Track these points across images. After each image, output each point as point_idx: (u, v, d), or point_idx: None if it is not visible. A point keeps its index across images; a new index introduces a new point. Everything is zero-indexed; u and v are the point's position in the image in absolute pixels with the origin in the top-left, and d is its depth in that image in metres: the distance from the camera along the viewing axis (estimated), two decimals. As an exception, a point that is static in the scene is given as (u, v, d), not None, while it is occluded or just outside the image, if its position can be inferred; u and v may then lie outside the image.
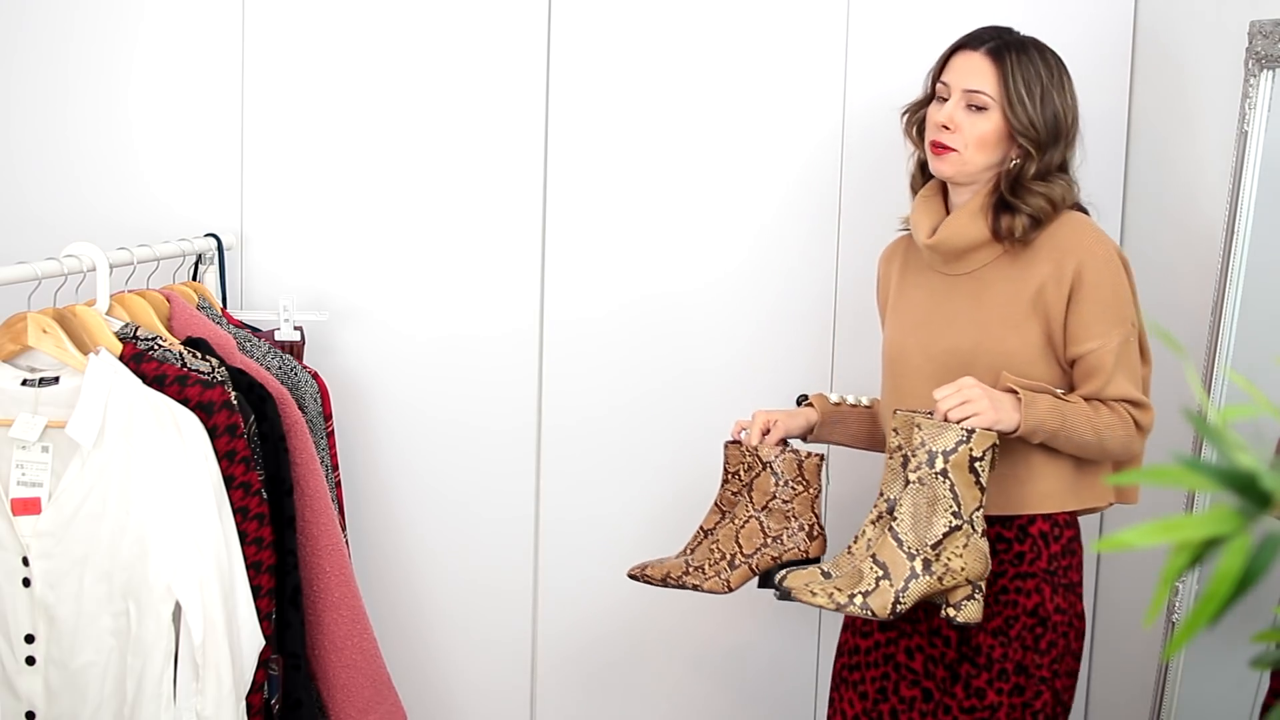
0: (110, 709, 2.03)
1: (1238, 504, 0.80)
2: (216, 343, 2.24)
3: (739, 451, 2.26)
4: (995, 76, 2.12)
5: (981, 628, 2.10)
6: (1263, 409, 0.87)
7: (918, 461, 1.97)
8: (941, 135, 2.14)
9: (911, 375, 2.19)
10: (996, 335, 2.11)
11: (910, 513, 1.97)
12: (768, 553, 2.22)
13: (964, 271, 2.17)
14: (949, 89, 2.15)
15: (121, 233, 2.54)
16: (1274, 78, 2.14)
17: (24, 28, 2.67)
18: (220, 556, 2.00)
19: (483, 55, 2.71)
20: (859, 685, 2.22)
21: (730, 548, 2.23)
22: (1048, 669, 2.11)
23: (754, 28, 2.71)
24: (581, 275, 2.76)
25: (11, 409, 2.03)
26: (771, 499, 2.22)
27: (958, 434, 1.96)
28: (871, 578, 1.97)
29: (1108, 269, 2.09)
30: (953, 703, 2.13)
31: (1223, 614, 0.80)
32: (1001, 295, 2.13)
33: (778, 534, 2.23)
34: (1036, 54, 2.15)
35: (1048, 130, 2.11)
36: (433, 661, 2.81)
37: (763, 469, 2.23)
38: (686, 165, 2.74)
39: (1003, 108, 2.11)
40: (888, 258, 2.36)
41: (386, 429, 2.76)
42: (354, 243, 2.73)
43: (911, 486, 1.97)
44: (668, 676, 2.85)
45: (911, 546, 1.97)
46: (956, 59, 2.17)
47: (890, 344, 2.26)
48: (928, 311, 2.20)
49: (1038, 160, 2.11)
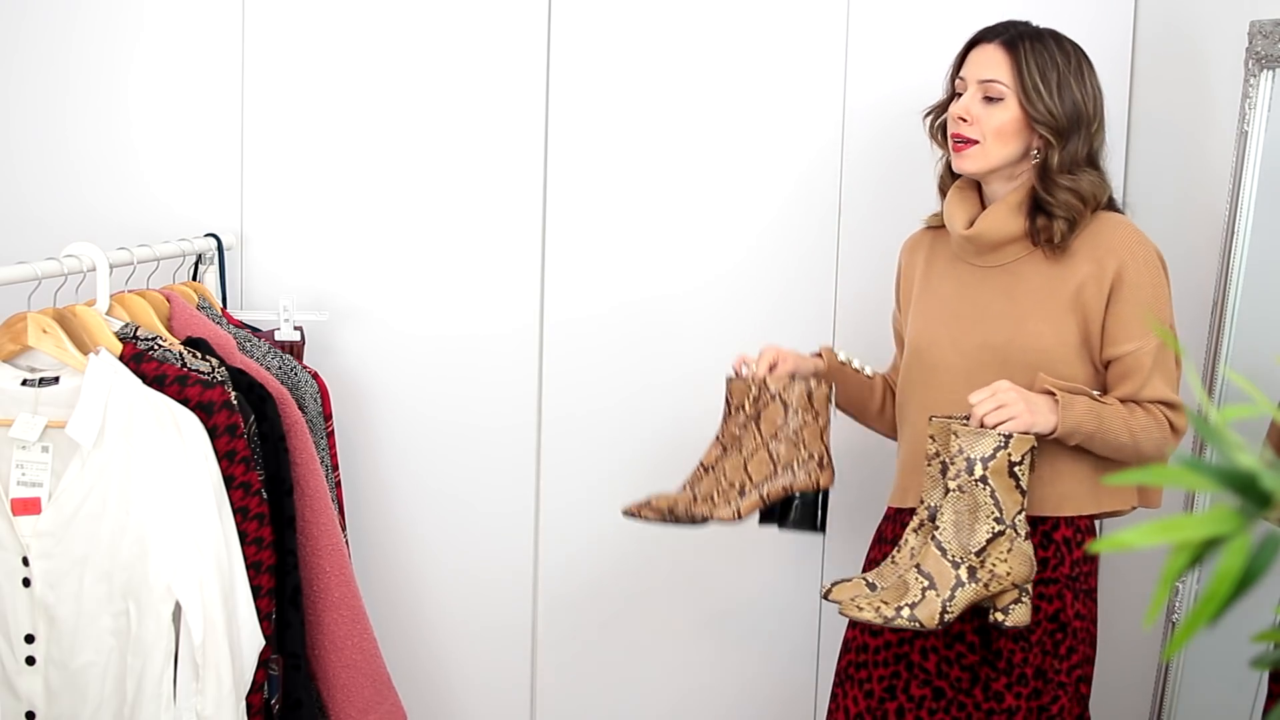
0: (110, 709, 2.03)
1: (1238, 504, 0.80)
2: (216, 343, 2.24)
3: (744, 385, 2.22)
4: (1009, 65, 2.10)
5: (1024, 632, 2.08)
6: (1263, 409, 0.87)
7: (956, 469, 1.96)
8: (960, 128, 2.13)
9: (942, 369, 2.16)
10: (1032, 331, 2.09)
11: (952, 521, 1.96)
12: (779, 482, 2.18)
13: (996, 264, 2.15)
14: (966, 83, 2.14)
15: (121, 233, 2.54)
16: (1274, 78, 2.14)
17: (24, 28, 2.67)
18: (220, 556, 2.00)
19: (483, 55, 2.71)
20: (865, 683, 2.20)
21: (739, 477, 2.19)
22: (1066, 674, 2.11)
23: (754, 27, 2.71)
24: (581, 275, 2.76)
25: (11, 409, 2.03)
26: (781, 429, 2.18)
27: (995, 440, 1.95)
28: (918, 589, 1.96)
29: (1148, 271, 2.08)
30: (969, 702, 2.13)
31: (1223, 614, 0.80)
32: (1037, 290, 2.11)
33: (788, 463, 2.18)
34: (1053, 42, 2.13)
35: (1067, 118, 2.09)
36: (433, 662, 2.81)
37: (771, 400, 2.19)
38: (687, 165, 2.74)
39: (1019, 96, 2.09)
40: (911, 248, 2.33)
41: (386, 429, 2.76)
42: (354, 243, 2.73)
43: (952, 494, 1.96)
44: (670, 677, 2.84)
45: (955, 555, 1.96)
46: (973, 53, 2.16)
47: (919, 336, 2.22)
48: (958, 304, 2.18)
49: (1060, 150, 2.09)
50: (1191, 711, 2.27)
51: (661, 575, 2.81)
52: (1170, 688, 2.28)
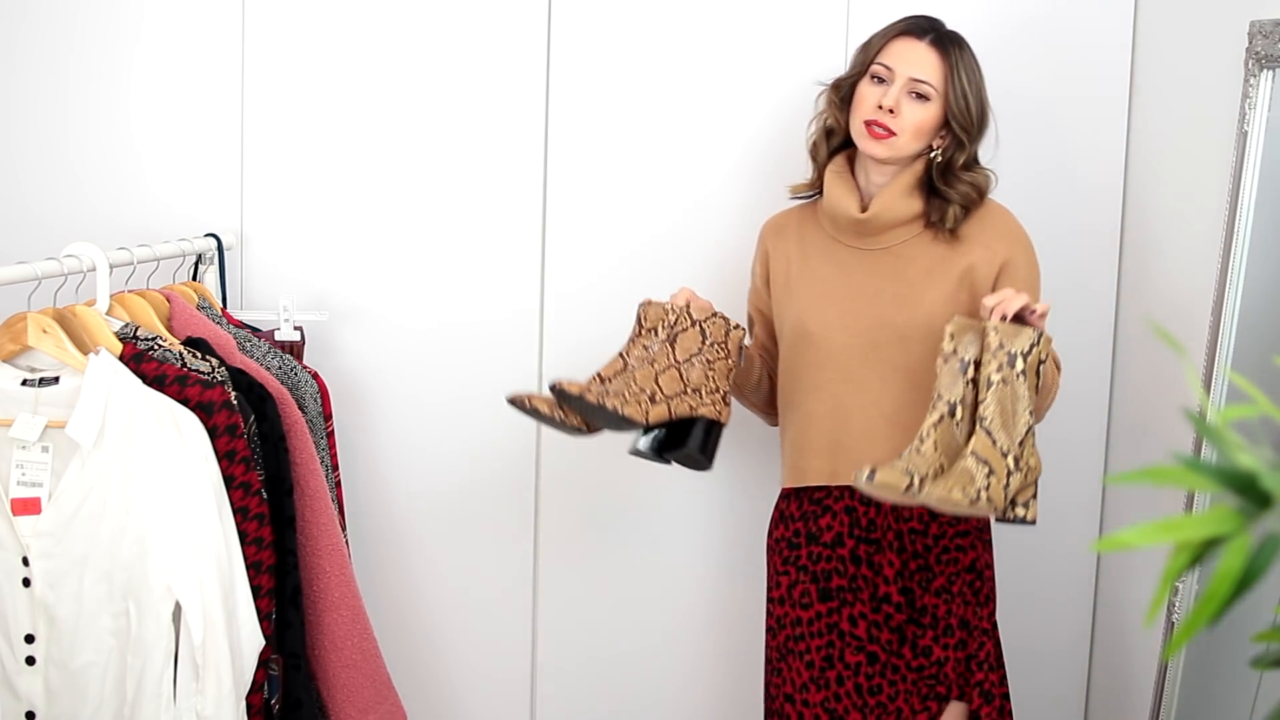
0: (110, 709, 2.03)
1: (1238, 504, 0.80)
2: (216, 343, 2.24)
3: (662, 309, 2.27)
4: (941, 69, 2.23)
5: (946, 585, 2.23)
6: (1263, 409, 0.87)
7: (998, 363, 2.04)
8: (882, 117, 2.23)
9: (835, 350, 2.27)
10: (928, 310, 2.23)
11: (998, 412, 2.04)
12: (686, 400, 2.23)
13: (880, 246, 2.28)
14: (892, 74, 2.24)
15: (121, 233, 2.54)
16: (1274, 78, 2.14)
17: (24, 28, 2.67)
18: (220, 556, 2.00)
19: (482, 54, 2.71)
20: (805, 655, 2.28)
21: (649, 386, 2.22)
22: (987, 620, 2.27)
23: (755, 23, 2.71)
24: (581, 274, 2.76)
25: (11, 409, 2.03)
26: (695, 356, 2.24)
27: (1031, 335, 2.06)
28: (981, 475, 2.02)
29: (1028, 255, 2.28)
30: (900, 663, 2.25)
31: (1223, 614, 0.80)
32: (928, 271, 2.25)
33: (697, 387, 2.24)
34: (968, 49, 2.27)
35: (977, 123, 2.26)
36: (433, 662, 2.81)
37: (691, 326, 2.25)
38: (687, 155, 2.73)
39: (945, 99, 2.23)
40: (777, 230, 2.42)
41: (387, 429, 2.76)
42: (354, 242, 2.73)
43: (994, 387, 2.04)
44: (672, 674, 2.85)
45: (1004, 445, 2.04)
46: (900, 44, 2.26)
47: (806, 319, 2.30)
48: (843, 286, 2.28)
49: (967, 149, 2.25)
50: (1191, 711, 2.27)
51: (663, 574, 2.81)
52: (1170, 688, 2.28)
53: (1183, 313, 2.38)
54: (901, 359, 2.23)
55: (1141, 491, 2.56)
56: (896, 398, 2.24)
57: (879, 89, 2.24)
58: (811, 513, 2.31)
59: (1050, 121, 2.69)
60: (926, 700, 2.24)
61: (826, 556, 2.28)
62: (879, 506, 2.26)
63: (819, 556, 2.28)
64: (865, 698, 2.25)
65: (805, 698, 2.27)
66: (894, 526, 2.26)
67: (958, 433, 2.06)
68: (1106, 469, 2.75)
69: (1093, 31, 2.68)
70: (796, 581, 2.30)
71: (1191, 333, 2.30)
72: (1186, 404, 2.29)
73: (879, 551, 2.26)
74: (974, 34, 2.33)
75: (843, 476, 2.25)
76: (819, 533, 2.29)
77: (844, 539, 2.27)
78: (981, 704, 2.23)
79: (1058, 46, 2.68)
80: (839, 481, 2.27)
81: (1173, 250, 2.52)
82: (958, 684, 2.23)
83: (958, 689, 2.23)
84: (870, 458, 2.20)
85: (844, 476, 2.25)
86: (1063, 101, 2.68)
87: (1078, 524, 2.75)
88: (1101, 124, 2.69)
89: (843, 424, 2.27)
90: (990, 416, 2.03)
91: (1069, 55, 2.69)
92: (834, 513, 2.29)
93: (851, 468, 2.21)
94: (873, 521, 2.27)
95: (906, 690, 2.25)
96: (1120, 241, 2.70)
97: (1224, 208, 2.21)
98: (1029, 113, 2.67)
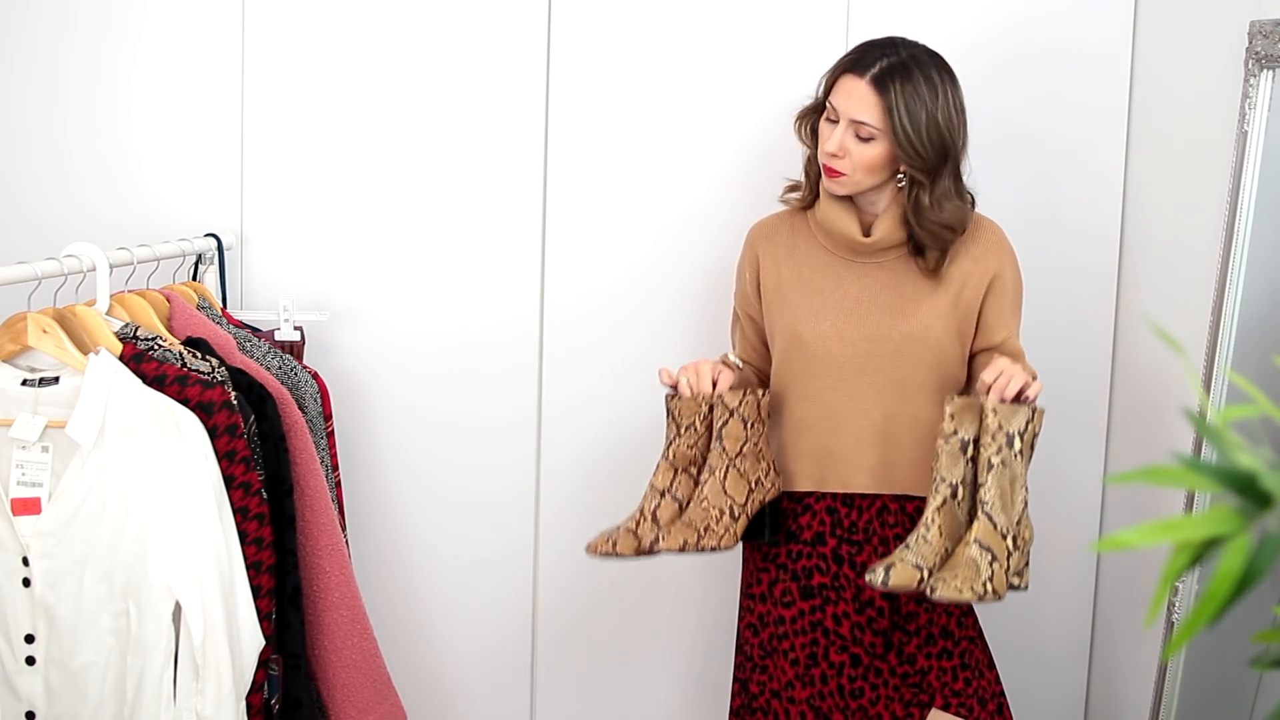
0: (110, 709, 2.03)
1: (1238, 504, 0.80)
2: (216, 343, 2.24)
3: (693, 403, 2.26)
4: (880, 109, 2.17)
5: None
6: (1263, 409, 0.87)
7: (997, 445, 2.06)
8: (831, 162, 2.23)
9: (830, 360, 2.27)
10: (923, 324, 2.25)
11: (998, 494, 2.06)
12: (755, 498, 2.27)
13: (876, 261, 2.29)
14: (838, 114, 2.21)
15: (121, 233, 2.54)
16: (1274, 78, 2.14)
17: (25, 28, 2.66)
18: (220, 556, 2.00)
19: (482, 55, 2.71)
20: (789, 653, 2.28)
21: (721, 501, 2.24)
22: (972, 628, 2.28)
23: (755, 24, 2.71)
24: (581, 274, 2.76)
25: (11, 409, 2.03)
26: (744, 443, 2.25)
27: (1026, 413, 2.08)
28: (985, 564, 2.04)
29: (1015, 270, 2.31)
30: (884, 667, 2.26)
31: (1223, 614, 0.80)
32: (921, 285, 2.26)
33: (756, 478, 2.27)
34: (919, 73, 2.18)
35: (935, 156, 2.18)
36: (433, 662, 2.81)
37: (730, 415, 2.24)
38: (686, 156, 2.73)
39: (889, 138, 2.18)
40: (767, 235, 2.40)
41: (386, 429, 2.76)
42: (354, 243, 2.73)
43: (995, 470, 2.07)
44: (669, 672, 2.85)
45: (1004, 527, 2.07)
46: (843, 82, 2.22)
47: (802, 328, 2.29)
48: (839, 298, 2.28)
49: (929, 189, 2.19)
50: (1191, 711, 2.27)
51: (663, 575, 2.81)
52: (1170, 688, 2.28)
53: (1183, 313, 2.38)
54: (894, 370, 2.25)
55: (1141, 491, 2.56)
56: (887, 407, 2.25)
57: (830, 128, 2.23)
58: (790, 510, 2.32)
59: (1050, 122, 2.69)
60: (909, 707, 2.25)
61: (807, 554, 2.29)
62: (861, 509, 2.29)
63: (798, 554, 2.29)
64: (848, 700, 2.26)
65: (791, 694, 2.28)
66: (879, 532, 2.28)
67: (960, 512, 2.10)
68: (1106, 469, 2.75)
69: (1093, 31, 2.68)
70: (777, 580, 2.31)
71: (1191, 333, 2.30)
72: (1186, 404, 2.29)
73: (861, 552, 2.27)
74: (973, 33, 2.33)
75: (830, 484, 2.29)
76: (798, 530, 2.30)
77: (825, 538, 2.28)
78: (978, 709, 2.23)
79: (1057, 46, 2.68)
80: (826, 488, 2.29)
81: (1173, 250, 2.52)
82: (941, 693, 2.24)
83: (941, 698, 2.24)
84: (859, 466, 2.25)
85: (831, 484, 2.28)
86: (1063, 102, 2.68)
87: (1078, 524, 2.75)
88: (1102, 124, 2.69)
89: (833, 432, 2.28)
90: (991, 500, 2.06)
91: (1069, 55, 2.69)
92: (814, 512, 2.30)
93: (840, 475, 2.27)
94: (854, 523, 2.28)
95: (888, 696, 2.26)
96: (1120, 242, 2.70)
97: (1224, 208, 2.21)
98: (1029, 114, 2.67)
